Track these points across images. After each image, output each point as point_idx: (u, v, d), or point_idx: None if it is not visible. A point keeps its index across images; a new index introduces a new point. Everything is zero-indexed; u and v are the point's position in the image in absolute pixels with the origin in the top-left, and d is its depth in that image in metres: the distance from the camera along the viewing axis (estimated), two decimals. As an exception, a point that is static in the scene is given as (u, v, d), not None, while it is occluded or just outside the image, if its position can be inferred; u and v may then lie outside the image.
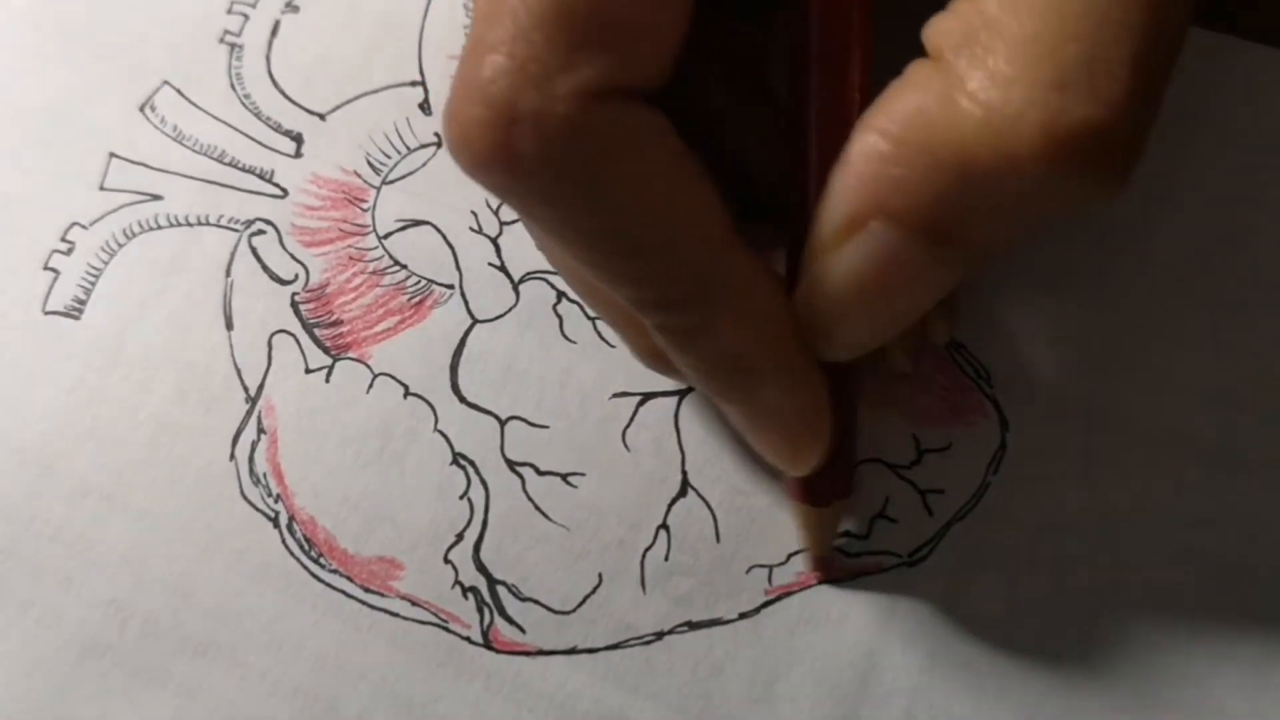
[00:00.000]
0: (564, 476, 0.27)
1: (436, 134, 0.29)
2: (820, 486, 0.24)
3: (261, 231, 0.29)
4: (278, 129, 0.30)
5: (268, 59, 0.30)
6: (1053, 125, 0.17)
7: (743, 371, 0.21)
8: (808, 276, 0.20)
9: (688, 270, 0.20)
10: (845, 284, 0.20)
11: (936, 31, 0.19)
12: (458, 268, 0.28)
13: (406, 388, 0.28)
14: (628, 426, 0.27)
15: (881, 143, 0.18)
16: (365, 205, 0.29)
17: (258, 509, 0.27)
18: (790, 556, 0.26)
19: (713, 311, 0.20)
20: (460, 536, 0.26)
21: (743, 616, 0.26)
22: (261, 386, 0.28)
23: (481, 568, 0.26)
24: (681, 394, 0.27)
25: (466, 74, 0.19)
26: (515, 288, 0.28)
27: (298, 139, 0.30)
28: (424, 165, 0.29)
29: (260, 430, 0.28)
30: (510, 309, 0.28)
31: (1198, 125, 0.27)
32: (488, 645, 0.26)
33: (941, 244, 0.19)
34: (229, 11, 0.31)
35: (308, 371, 0.28)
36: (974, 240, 0.19)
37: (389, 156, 0.29)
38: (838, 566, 0.25)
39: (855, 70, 0.20)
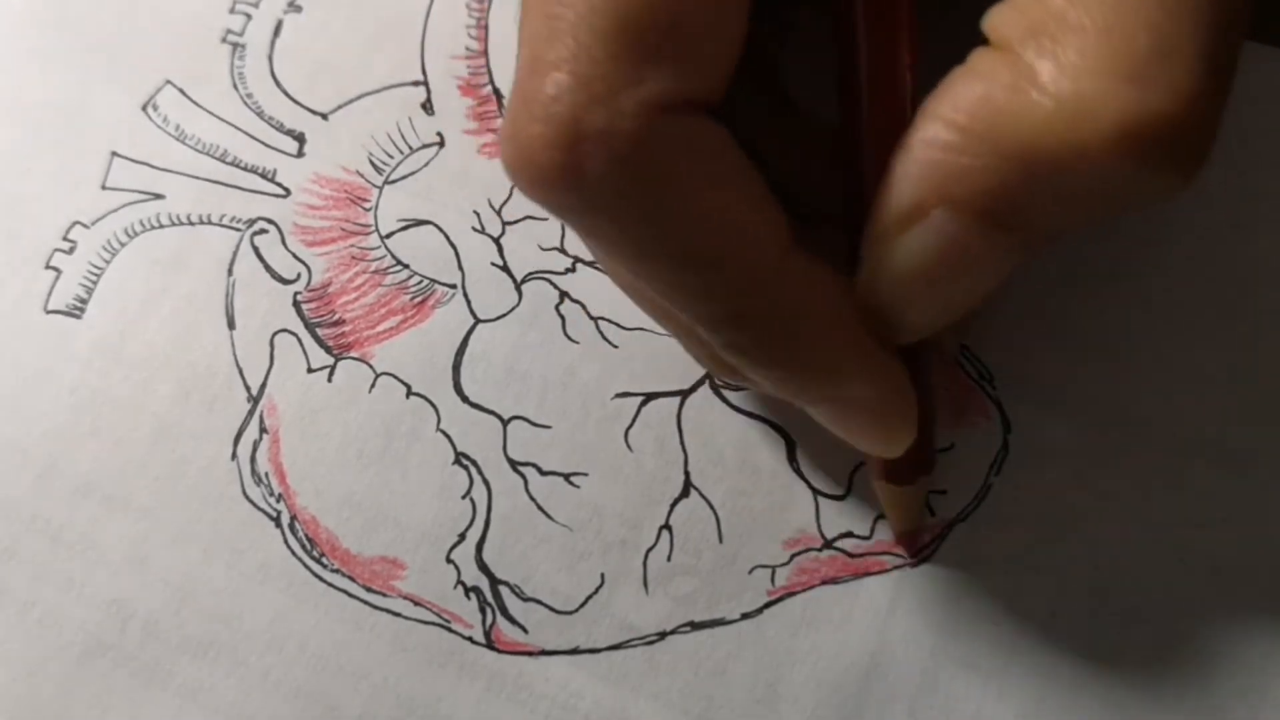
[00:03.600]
0: (566, 476, 0.27)
1: (439, 133, 0.29)
2: (905, 466, 0.24)
3: (264, 231, 0.29)
4: (280, 128, 0.30)
5: (270, 58, 0.30)
6: (1127, 118, 0.17)
7: (823, 373, 0.21)
8: (869, 264, 0.20)
9: (756, 281, 0.20)
10: (908, 271, 0.20)
11: (1000, 22, 0.19)
12: (460, 267, 0.28)
13: (409, 387, 0.28)
14: (630, 427, 0.27)
15: (946, 131, 0.18)
16: (367, 205, 0.29)
17: (260, 509, 0.27)
18: (793, 557, 0.26)
19: (776, 319, 0.20)
20: (463, 536, 0.26)
21: (745, 617, 0.26)
22: (264, 386, 0.28)
23: (484, 568, 0.26)
24: (684, 394, 0.27)
25: (527, 92, 0.18)
26: (518, 287, 0.28)
27: (300, 138, 0.30)
28: (426, 165, 0.29)
29: (262, 430, 0.28)
30: (513, 309, 0.28)
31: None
32: (490, 645, 0.26)
33: (1004, 232, 0.19)
34: (231, 11, 0.31)
35: (310, 371, 0.28)
36: (1037, 228, 0.19)
37: (391, 156, 0.29)
38: (921, 542, 0.26)
39: (904, 57, 0.20)
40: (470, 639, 0.26)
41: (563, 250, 0.28)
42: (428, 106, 0.30)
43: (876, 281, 0.20)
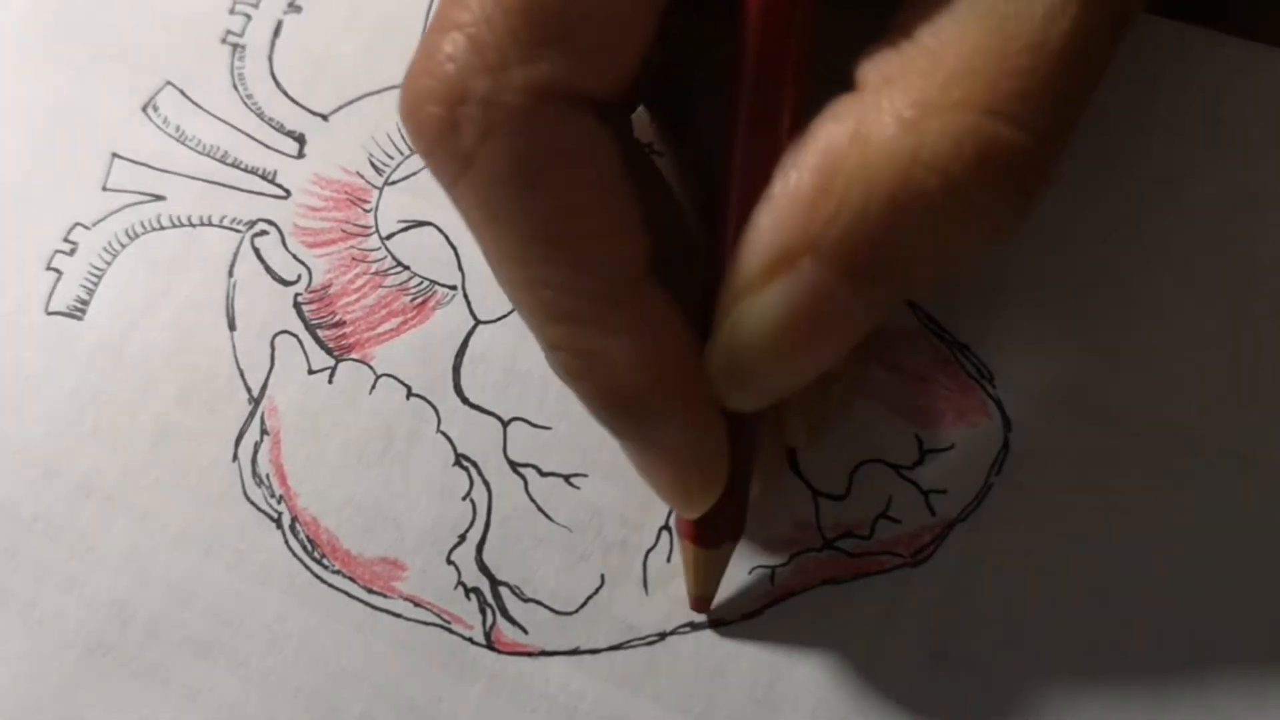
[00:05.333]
0: (566, 477, 0.27)
1: (439, 135, 0.29)
2: (711, 529, 0.24)
3: (264, 232, 0.29)
4: (280, 129, 0.30)
5: (270, 59, 0.30)
6: (988, 149, 0.18)
7: (636, 408, 0.21)
8: (727, 320, 0.20)
9: (590, 289, 0.20)
10: (769, 327, 0.19)
11: (869, 67, 0.19)
12: (460, 268, 0.28)
13: (409, 389, 0.28)
14: (630, 427, 0.27)
15: (810, 176, 0.18)
16: (368, 206, 0.29)
17: (260, 510, 0.27)
18: (793, 557, 0.26)
19: (606, 338, 0.20)
20: (463, 537, 0.26)
21: (745, 617, 0.26)
22: (264, 387, 0.28)
23: (484, 569, 0.26)
24: (684, 395, 0.27)
25: (429, 46, 0.19)
26: (518, 288, 0.28)
27: (300, 139, 0.30)
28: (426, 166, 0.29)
29: (263, 431, 0.28)
30: (513, 310, 0.28)
31: (1198, 125, 0.27)
32: (490, 646, 0.26)
33: (870, 281, 0.19)
34: (231, 12, 0.31)
35: (311, 372, 0.28)
36: (900, 278, 0.19)
37: (391, 157, 0.29)
38: (717, 610, 0.25)
39: (786, 111, 0.20)
40: (470, 640, 0.26)
41: (563, 251, 0.28)
42: (428, 107, 0.30)
43: (733, 337, 0.20)
